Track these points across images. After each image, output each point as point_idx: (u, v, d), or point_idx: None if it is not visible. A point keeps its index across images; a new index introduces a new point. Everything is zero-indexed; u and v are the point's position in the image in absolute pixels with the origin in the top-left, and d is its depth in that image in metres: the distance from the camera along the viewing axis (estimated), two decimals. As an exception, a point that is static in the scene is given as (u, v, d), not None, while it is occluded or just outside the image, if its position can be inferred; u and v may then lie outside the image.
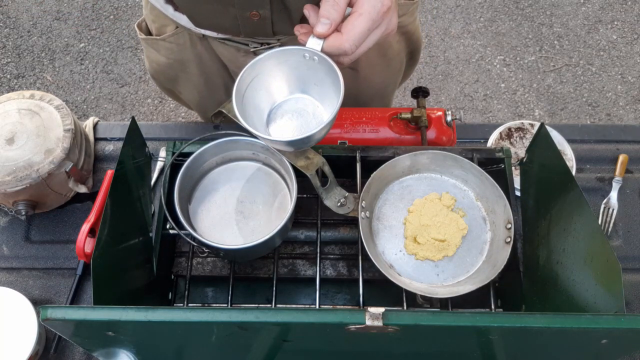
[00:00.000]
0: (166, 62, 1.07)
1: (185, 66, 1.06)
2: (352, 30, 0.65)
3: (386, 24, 0.68)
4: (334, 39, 0.66)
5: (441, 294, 0.79)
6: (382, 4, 0.65)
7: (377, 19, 0.66)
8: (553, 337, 0.58)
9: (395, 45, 1.08)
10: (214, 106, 1.16)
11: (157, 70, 1.12)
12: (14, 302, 0.90)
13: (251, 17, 0.83)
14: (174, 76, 1.11)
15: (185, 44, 1.01)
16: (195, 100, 1.17)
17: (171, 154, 0.87)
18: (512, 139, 1.08)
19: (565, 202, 0.73)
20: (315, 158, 0.79)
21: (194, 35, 0.99)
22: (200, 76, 1.08)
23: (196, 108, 1.23)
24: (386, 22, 0.67)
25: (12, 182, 0.94)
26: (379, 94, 1.17)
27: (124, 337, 0.62)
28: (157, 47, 1.05)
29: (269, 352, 0.68)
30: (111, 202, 0.71)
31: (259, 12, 0.82)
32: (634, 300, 0.97)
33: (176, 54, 1.04)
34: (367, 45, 0.67)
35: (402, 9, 1.02)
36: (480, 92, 2.25)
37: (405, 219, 0.85)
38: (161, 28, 1.02)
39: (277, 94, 0.77)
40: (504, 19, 2.41)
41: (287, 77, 0.75)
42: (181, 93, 1.18)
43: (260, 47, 0.94)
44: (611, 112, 2.21)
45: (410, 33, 1.09)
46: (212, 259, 0.91)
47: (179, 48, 1.02)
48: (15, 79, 2.27)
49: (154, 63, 1.10)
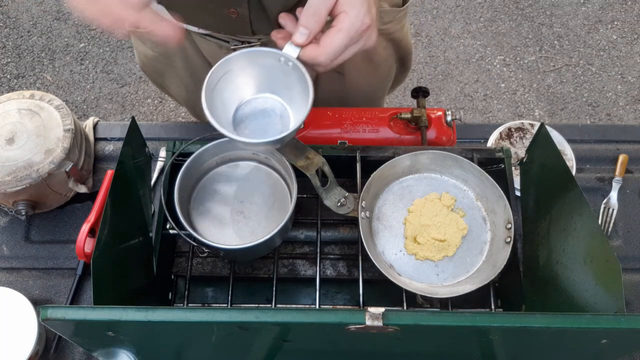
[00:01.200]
0: (152, 55, 1.08)
1: (171, 60, 1.07)
2: (329, 45, 0.66)
3: (364, 41, 0.68)
4: (311, 50, 0.67)
5: (441, 294, 0.79)
6: (362, 22, 0.66)
7: (355, 37, 0.67)
8: (553, 337, 0.58)
9: (382, 51, 1.07)
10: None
11: (145, 63, 1.12)
12: (14, 302, 0.90)
13: (229, 14, 0.83)
14: (161, 70, 1.12)
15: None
16: (183, 95, 1.17)
17: (171, 154, 0.87)
18: (512, 139, 1.08)
19: (565, 202, 0.73)
20: (315, 158, 0.79)
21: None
22: (186, 71, 1.08)
23: (185, 103, 1.24)
24: (364, 39, 0.68)
25: (12, 182, 0.94)
26: (367, 98, 1.16)
27: (124, 337, 0.62)
28: (143, 40, 1.06)
29: (269, 352, 0.68)
30: (111, 202, 0.71)
31: (237, 10, 0.82)
32: (634, 300, 0.97)
33: (161, 47, 1.04)
34: (343, 59, 0.68)
35: (389, 16, 1.01)
36: (480, 92, 2.25)
37: (405, 219, 0.85)
38: None
39: (246, 91, 0.75)
40: (504, 19, 2.41)
41: (259, 76, 0.74)
42: (169, 88, 1.18)
43: (241, 45, 0.94)
44: (611, 112, 2.21)
45: (398, 40, 1.09)
46: (212, 259, 0.91)
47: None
48: (15, 79, 2.27)
49: (142, 55, 1.11)
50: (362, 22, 0.66)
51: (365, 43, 0.69)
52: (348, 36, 0.66)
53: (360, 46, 0.69)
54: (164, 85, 1.19)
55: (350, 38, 0.66)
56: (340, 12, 0.66)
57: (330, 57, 0.67)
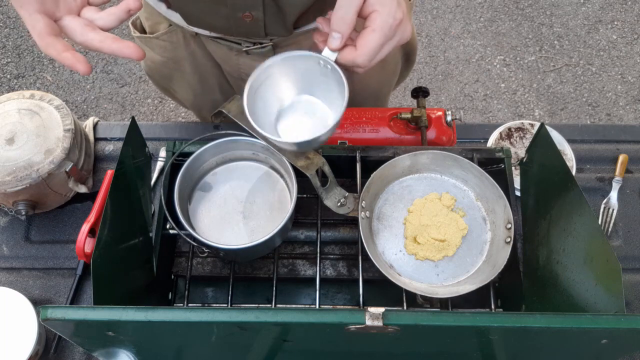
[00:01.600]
0: (160, 61, 1.07)
1: (179, 64, 1.07)
2: (365, 46, 0.66)
3: (400, 35, 0.68)
4: (348, 53, 0.68)
5: (441, 294, 0.79)
6: (394, 18, 0.66)
7: (390, 34, 0.67)
8: (553, 337, 0.58)
9: None
10: (209, 105, 1.17)
11: (151, 69, 1.12)
12: (14, 302, 0.90)
13: (243, 18, 0.83)
14: (168, 75, 1.11)
15: (179, 42, 1.01)
16: (190, 99, 1.17)
17: (171, 154, 0.87)
18: (512, 139, 1.08)
19: (565, 202, 0.73)
20: (315, 158, 0.79)
21: (187, 34, 0.99)
22: (194, 75, 1.08)
23: (191, 107, 1.23)
24: (399, 33, 0.68)
25: (12, 182, 0.94)
26: (374, 96, 1.17)
27: (124, 337, 0.62)
28: (151, 46, 1.05)
29: (269, 352, 0.68)
30: (111, 202, 0.71)
31: (251, 14, 0.82)
32: (634, 300, 0.97)
33: (170, 52, 1.04)
34: (381, 57, 0.69)
35: None
36: (480, 92, 2.25)
37: (405, 219, 0.85)
38: (154, 26, 1.02)
39: (287, 94, 0.77)
40: (504, 19, 2.41)
41: (300, 79, 0.75)
42: (176, 92, 1.18)
43: (253, 46, 0.94)
44: (611, 112, 2.21)
45: None
46: (212, 259, 0.91)
47: (172, 46, 1.03)
48: (15, 79, 2.27)
49: (148, 61, 1.10)
50: (394, 18, 0.66)
51: (400, 38, 0.68)
52: (383, 34, 0.66)
53: (396, 42, 0.68)
54: (170, 89, 1.18)
55: (385, 36, 0.66)
56: (372, 11, 0.66)
57: (369, 57, 0.67)
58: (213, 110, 1.20)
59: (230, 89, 1.10)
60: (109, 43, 0.64)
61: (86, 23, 0.66)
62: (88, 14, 0.67)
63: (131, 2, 0.65)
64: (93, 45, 0.65)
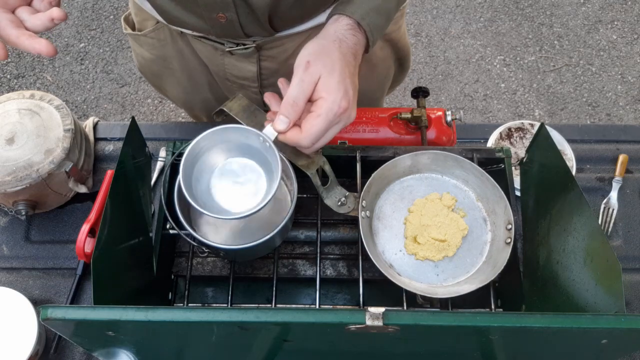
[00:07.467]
0: (150, 57, 1.08)
1: (168, 62, 1.07)
2: (309, 130, 0.71)
3: (344, 121, 0.73)
4: (293, 134, 0.72)
5: (441, 294, 0.79)
6: (339, 106, 0.70)
7: (334, 120, 0.71)
8: (553, 337, 0.58)
9: (379, 52, 1.07)
10: (200, 104, 1.17)
11: (143, 65, 1.12)
12: (14, 302, 0.90)
13: (218, 18, 0.83)
14: (158, 72, 1.12)
15: (166, 39, 1.02)
16: (181, 97, 1.17)
17: (171, 154, 0.87)
18: (512, 139, 1.08)
19: (565, 202, 0.73)
20: (315, 157, 0.80)
21: (173, 32, 0.99)
22: (183, 73, 1.08)
23: (183, 106, 1.23)
24: (344, 119, 0.73)
25: (12, 182, 0.94)
26: (365, 99, 1.16)
27: (124, 337, 0.62)
28: (140, 42, 1.06)
29: (269, 352, 0.68)
30: (111, 202, 0.71)
31: (225, 15, 0.82)
32: (634, 300, 0.97)
33: (158, 49, 1.04)
34: (325, 140, 0.73)
35: None
36: (480, 92, 2.25)
37: (406, 219, 0.85)
38: (142, 22, 1.02)
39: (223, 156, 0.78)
40: (504, 19, 2.41)
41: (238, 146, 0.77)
42: (167, 90, 1.18)
43: (236, 47, 0.93)
44: (611, 112, 2.21)
45: (395, 41, 1.09)
46: (212, 259, 0.91)
47: (160, 44, 1.03)
48: (15, 79, 2.27)
49: (139, 57, 1.11)
50: (339, 106, 0.71)
51: (345, 122, 0.74)
52: (327, 120, 0.71)
53: (340, 127, 0.74)
54: (161, 87, 1.18)
55: (329, 122, 0.71)
56: (319, 97, 0.71)
57: (312, 140, 0.72)
58: (205, 109, 1.20)
59: (220, 89, 1.10)
60: (24, 39, 0.67)
61: (12, 20, 0.67)
62: (21, 13, 0.69)
63: (55, 12, 0.68)
64: (10, 40, 0.67)
